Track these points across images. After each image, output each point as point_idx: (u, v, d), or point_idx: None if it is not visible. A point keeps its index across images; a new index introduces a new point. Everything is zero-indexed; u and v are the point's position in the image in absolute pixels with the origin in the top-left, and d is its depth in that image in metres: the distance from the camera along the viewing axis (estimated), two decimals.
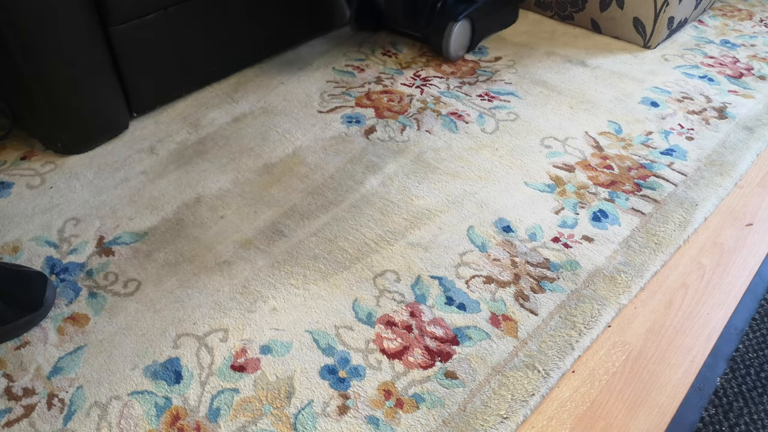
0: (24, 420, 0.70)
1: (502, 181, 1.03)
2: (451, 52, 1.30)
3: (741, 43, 1.42)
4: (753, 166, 1.08)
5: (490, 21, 1.37)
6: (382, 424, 0.70)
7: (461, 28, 1.29)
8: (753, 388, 0.75)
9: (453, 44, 1.29)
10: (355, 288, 0.85)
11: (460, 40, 1.31)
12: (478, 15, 1.32)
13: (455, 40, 1.29)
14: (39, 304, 0.79)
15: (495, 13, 1.38)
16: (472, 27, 1.31)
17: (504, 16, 1.43)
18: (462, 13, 1.28)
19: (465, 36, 1.31)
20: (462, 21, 1.27)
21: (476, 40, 1.35)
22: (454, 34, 1.27)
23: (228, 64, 1.25)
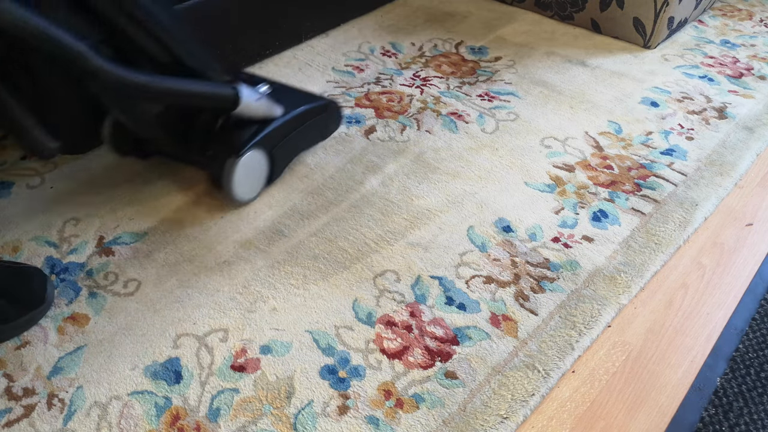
0: (24, 420, 0.70)
1: (502, 181, 1.03)
2: (239, 195, 0.94)
3: (741, 43, 1.42)
4: (753, 166, 1.08)
5: (297, 139, 1.02)
6: (382, 424, 0.70)
7: (249, 164, 0.92)
8: (753, 388, 0.75)
9: (239, 186, 0.93)
10: (355, 288, 0.85)
11: (252, 177, 0.95)
12: (276, 138, 0.96)
13: (242, 181, 0.93)
14: (41, 300, 0.79)
15: (304, 127, 1.02)
16: (268, 156, 0.96)
17: (320, 126, 1.07)
18: (248, 143, 0.91)
19: (259, 170, 0.96)
20: (249, 154, 0.92)
21: (278, 169, 1.00)
22: (237, 173, 0.91)
23: (228, 64, 1.25)
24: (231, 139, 0.92)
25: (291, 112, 0.97)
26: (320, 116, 1.04)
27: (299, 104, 1.00)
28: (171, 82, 0.79)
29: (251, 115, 0.92)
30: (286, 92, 1.03)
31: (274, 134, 0.95)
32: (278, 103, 0.96)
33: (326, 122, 1.07)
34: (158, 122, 0.90)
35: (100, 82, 0.71)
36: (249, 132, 0.92)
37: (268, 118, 0.95)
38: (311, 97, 1.04)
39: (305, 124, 1.01)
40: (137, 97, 0.81)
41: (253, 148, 0.92)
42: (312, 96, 1.05)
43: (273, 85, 1.01)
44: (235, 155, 0.90)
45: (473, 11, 1.54)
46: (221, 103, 0.88)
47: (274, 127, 0.95)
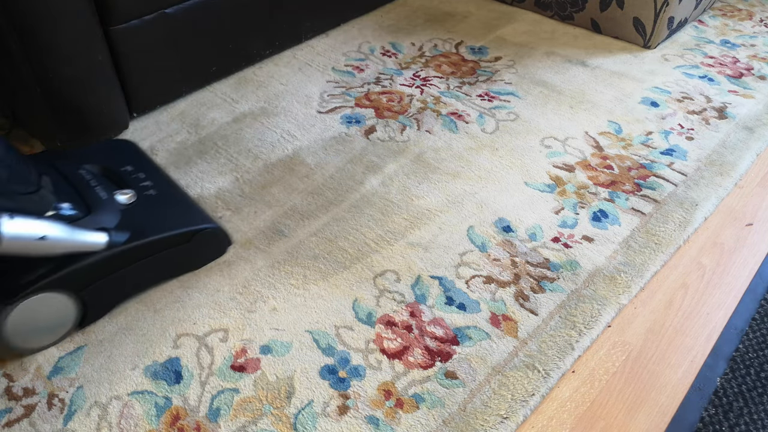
0: (24, 420, 0.70)
1: (502, 181, 1.03)
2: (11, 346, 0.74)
3: (741, 43, 1.42)
4: (753, 166, 1.08)
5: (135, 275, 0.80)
6: (382, 424, 0.70)
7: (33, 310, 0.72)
8: (753, 388, 0.75)
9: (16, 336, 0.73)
10: (355, 288, 0.85)
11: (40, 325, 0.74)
12: (90, 275, 0.75)
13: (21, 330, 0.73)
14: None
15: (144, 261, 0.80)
16: (76, 298, 0.75)
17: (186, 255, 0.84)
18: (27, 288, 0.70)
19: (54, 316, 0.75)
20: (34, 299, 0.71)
21: (97, 310, 0.80)
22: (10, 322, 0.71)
23: (228, 64, 1.25)
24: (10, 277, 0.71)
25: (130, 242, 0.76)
26: (184, 246, 0.82)
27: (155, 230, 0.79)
28: None
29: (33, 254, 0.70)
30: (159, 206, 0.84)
31: (82, 272, 0.74)
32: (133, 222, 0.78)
33: (195, 251, 0.85)
34: None
35: None
36: (40, 270, 0.71)
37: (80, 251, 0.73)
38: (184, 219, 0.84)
39: (151, 257, 0.80)
40: None
41: (37, 292, 0.70)
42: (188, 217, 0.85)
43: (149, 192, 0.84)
44: (6, 301, 0.69)
45: (473, 11, 1.54)
46: None
47: (83, 264, 0.73)
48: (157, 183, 0.87)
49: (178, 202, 0.87)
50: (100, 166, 0.87)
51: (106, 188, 0.81)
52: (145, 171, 0.89)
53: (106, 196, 0.80)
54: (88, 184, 0.81)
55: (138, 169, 0.89)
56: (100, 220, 0.76)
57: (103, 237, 0.75)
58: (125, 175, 0.87)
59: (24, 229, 0.67)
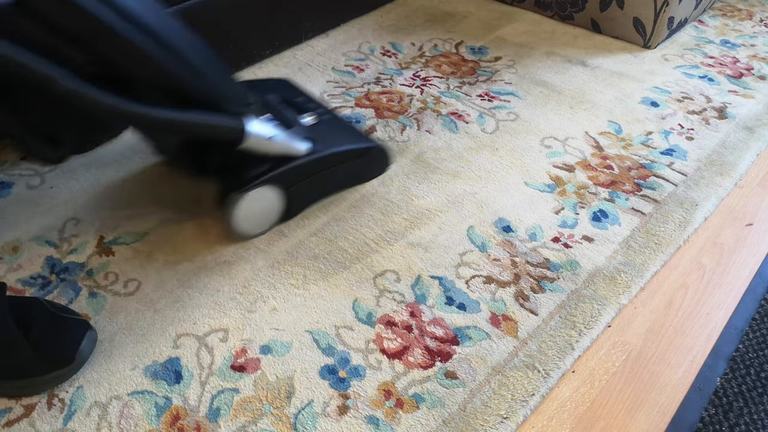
0: (24, 420, 0.70)
1: (502, 181, 1.03)
2: (240, 230, 0.90)
3: (741, 43, 1.42)
4: (753, 166, 1.08)
5: (326, 180, 0.96)
6: (382, 424, 0.70)
7: (256, 199, 0.88)
8: (753, 388, 0.75)
9: (241, 221, 0.89)
10: (355, 288, 0.85)
11: (257, 213, 0.90)
12: (295, 176, 0.91)
13: (246, 215, 0.89)
14: (70, 359, 0.72)
15: (336, 169, 0.96)
16: (284, 194, 0.91)
17: (360, 169, 1.00)
18: (258, 178, 0.86)
19: (268, 207, 0.91)
20: (257, 190, 0.87)
21: (296, 207, 0.95)
22: (240, 208, 0.87)
23: (228, 64, 1.25)
24: (243, 172, 0.87)
25: (321, 151, 0.91)
26: (358, 160, 0.98)
27: (336, 144, 0.94)
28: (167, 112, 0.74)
29: (261, 151, 0.86)
30: (333, 128, 0.98)
31: (294, 172, 0.90)
32: (318, 139, 0.92)
33: (366, 166, 1.01)
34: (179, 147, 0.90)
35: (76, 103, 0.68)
36: (262, 167, 0.87)
37: (289, 155, 0.89)
38: (355, 138, 0.99)
39: (338, 166, 0.95)
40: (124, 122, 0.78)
41: (262, 185, 0.87)
42: (357, 137, 1.00)
43: (325, 117, 0.98)
44: (240, 189, 0.86)
45: (473, 11, 1.54)
46: (224, 136, 0.82)
47: (295, 165, 0.89)
48: (325, 112, 1.01)
49: (347, 126, 1.02)
50: (278, 96, 1.00)
51: (291, 112, 0.96)
52: (312, 102, 1.03)
53: (295, 117, 0.95)
54: (277, 107, 0.95)
55: (306, 100, 1.03)
56: (300, 133, 0.91)
57: (305, 145, 0.90)
58: (300, 104, 1.01)
59: (260, 129, 0.84)
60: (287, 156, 0.88)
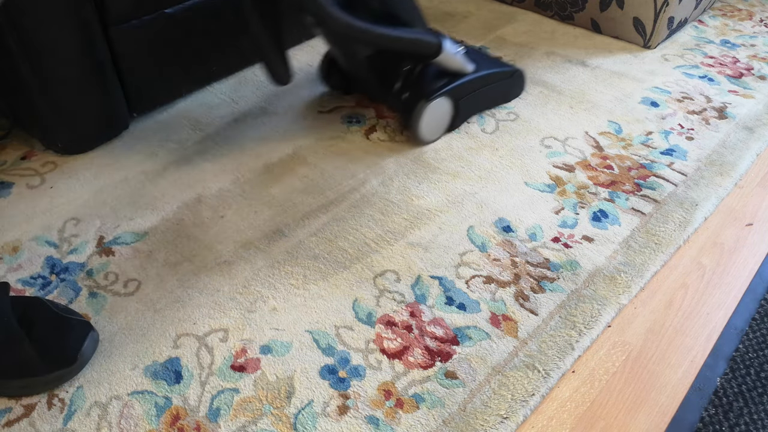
0: (24, 420, 0.70)
1: (502, 181, 1.03)
2: (424, 135, 1.08)
3: (741, 43, 1.42)
4: (753, 166, 1.08)
5: (482, 97, 1.15)
6: (382, 424, 0.70)
7: (437, 108, 1.06)
8: (753, 388, 0.75)
9: (425, 127, 1.06)
10: (355, 288, 0.85)
11: (436, 121, 1.08)
12: (464, 91, 1.09)
13: (428, 123, 1.06)
14: (72, 360, 0.72)
15: (490, 87, 1.15)
16: (454, 106, 1.09)
17: (505, 89, 1.19)
18: (439, 90, 1.05)
19: (443, 116, 1.08)
20: (438, 100, 1.05)
21: (461, 119, 1.13)
22: (425, 116, 1.04)
23: (228, 64, 1.25)
24: (425, 86, 1.05)
25: (481, 71, 1.11)
26: (506, 80, 1.17)
27: (490, 66, 1.13)
28: (385, 29, 0.94)
29: (448, 66, 1.06)
30: (479, 55, 1.17)
31: (463, 87, 1.08)
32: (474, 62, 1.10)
33: (511, 87, 1.19)
34: (368, 64, 1.06)
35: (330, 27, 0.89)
36: (442, 81, 1.06)
37: (460, 72, 1.08)
38: (501, 63, 1.18)
39: (491, 85, 1.14)
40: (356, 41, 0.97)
41: (443, 95, 1.05)
42: (502, 63, 1.18)
43: (467, 47, 1.16)
44: (425, 99, 1.03)
45: (473, 11, 1.54)
46: (425, 50, 1.01)
47: (464, 80, 1.08)
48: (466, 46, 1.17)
49: (488, 56, 1.21)
50: None
51: None
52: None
53: None
54: None
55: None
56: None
57: (472, 64, 1.10)
58: None
59: (450, 46, 1.04)
60: (459, 73, 1.08)
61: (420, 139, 1.08)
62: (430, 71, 1.07)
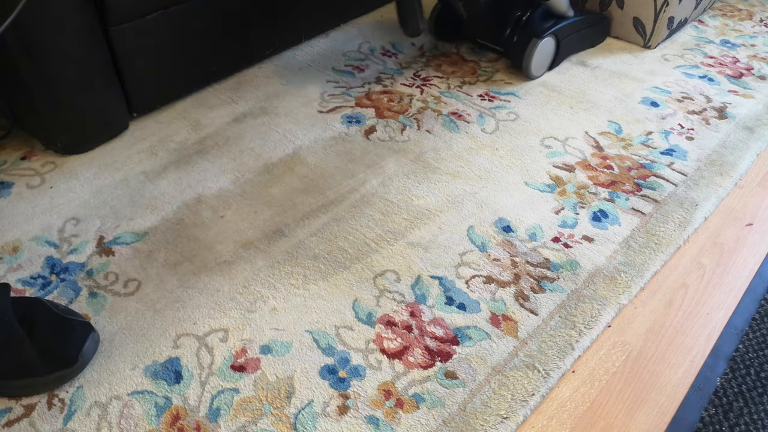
0: (24, 420, 0.70)
1: (502, 181, 1.03)
2: (532, 70, 1.23)
3: (741, 43, 1.42)
4: (753, 166, 1.08)
5: (577, 39, 1.30)
6: (382, 424, 0.70)
7: (545, 46, 1.22)
8: (753, 388, 0.75)
9: (534, 62, 1.22)
10: (355, 288, 0.85)
11: (543, 58, 1.24)
12: (565, 32, 1.25)
13: (537, 59, 1.23)
14: (73, 360, 0.72)
15: (583, 31, 1.31)
16: (557, 45, 1.25)
17: (593, 35, 1.35)
18: (547, 30, 1.21)
19: (548, 54, 1.25)
20: (547, 38, 1.21)
21: (560, 58, 1.29)
22: (536, 52, 1.21)
23: (228, 64, 1.25)
24: (535, 26, 1.21)
25: (579, 15, 1.28)
26: (597, 26, 1.34)
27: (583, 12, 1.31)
28: None
29: (556, 8, 1.22)
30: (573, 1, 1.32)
31: (566, 29, 1.24)
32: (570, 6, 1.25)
33: (599, 32, 1.36)
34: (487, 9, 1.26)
35: None
36: (549, 23, 1.22)
37: (563, 16, 1.24)
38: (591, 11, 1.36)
39: (585, 29, 1.31)
40: None
41: (551, 35, 1.21)
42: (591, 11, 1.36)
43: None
44: (536, 37, 1.19)
45: None
46: None
47: (567, 23, 1.24)
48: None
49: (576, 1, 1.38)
50: None
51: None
52: None
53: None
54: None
55: None
56: None
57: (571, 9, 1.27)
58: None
59: None
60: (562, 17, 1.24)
61: (529, 75, 1.24)
62: (537, 16, 1.22)
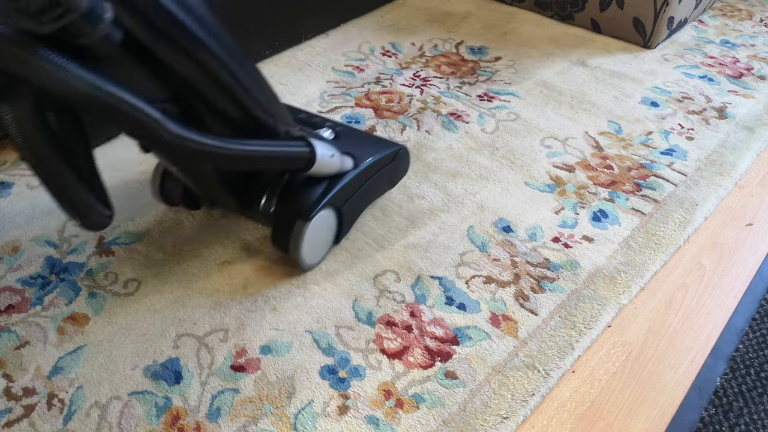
0: (24, 420, 0.70)
1: (502, 181, 1.03)
2: (305, 259, 0.84)
3: (741, 43, 1.42)
4: (753, 166, 1.08)
5: (367, 193, 0.92)
6: (382, 424, 0.70)
7: (319, 225, 0.83)
8: (753, 388, 0.75)
9: (306, 250, 0.83)
10: (355, 288, 0.85)
11: (319, 240, 0.85)
12: (347, 193, 0.86)
13: (310, 245, 0.83)
14: None
15: (374, 178, 0.91)
16: (338, 216, 0.87)
17: (391, 173, 0.96)
18: (319, 202, 0.81)
19: (327, 231, 0.86)
20: (320, 214, 0.82)
21: (347, 228, 0.91)
22: (306, 237, 0.81)
23: None
24: (299, 198, 0.82)
25: (362, 163, 0.87)
26: (391, 164, 0.93)
27: (369, 153, 0.89)
28: (245, 145, 0.69)
29: (324, 173, 0.82)
30: (353, 137, 0.93)
31: (345, 190, 0.85)
32: (346, 149, 0.87)
33: (396, 170, 0.96)
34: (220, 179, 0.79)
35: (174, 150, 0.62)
36: (319, 189, 0.82)
37: (341, 172, 0.85)
38: (380, 143, 0.94)
39: (376, 175, 0.91)
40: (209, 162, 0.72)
41: (323, 208, 0.81)
42: (381, 141, 0.95)
43: (337, 127, 0.93)
44: (303, 219, 0.80)
45: (473, 11, 1.54)
46: (296, 165, 0.78)
47: (345, 182, 0.84)
48: (333, 123, 0.94)
49: (363, 134, 0.99)
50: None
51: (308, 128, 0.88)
52: (314, 116, 0.97)
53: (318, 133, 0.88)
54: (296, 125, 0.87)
55: (309, 115, 0.97)
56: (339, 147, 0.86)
57: (350, 159, 0.86)
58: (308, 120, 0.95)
59: (324, 149, 0.80)
60: (338, 173, 0.84)
61: (301, 266, 0.85)
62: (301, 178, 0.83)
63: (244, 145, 0.69)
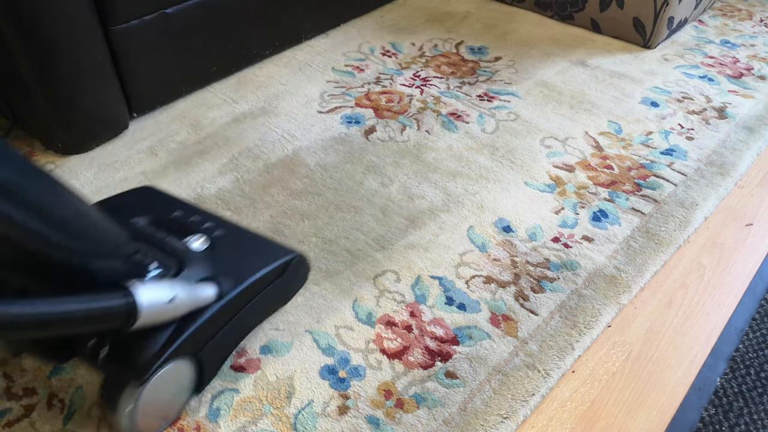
0: (24, 420, 0.70)
1: (502, 181, 1.03)
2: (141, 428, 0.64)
3: (741, 43, 1.42)
4: (753, 166, 1.08)
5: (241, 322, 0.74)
6: (382, 424, 0.70)
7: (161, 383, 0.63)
8: (753, 388, 0.75)
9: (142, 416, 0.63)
10: (355, 288, 0.85)
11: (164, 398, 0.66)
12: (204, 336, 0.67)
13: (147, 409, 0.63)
14: None
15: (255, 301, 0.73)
16: (196, 364, 0.68)
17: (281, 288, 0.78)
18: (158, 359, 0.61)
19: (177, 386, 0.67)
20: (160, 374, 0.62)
21: (211, 370, 0.72)
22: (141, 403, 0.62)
23: (228, 64, 1.25)
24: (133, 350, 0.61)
25: (234, 289, 0.68)
26: (279, 280, 0.75)
27: (249, 270, 0.71)
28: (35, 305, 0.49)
29: (161, 321, 0.61)
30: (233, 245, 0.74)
31: (202, 331, 0.65)
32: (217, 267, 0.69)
33: (288, 284, 0.79)
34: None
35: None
36: (163, 335, 0.62)
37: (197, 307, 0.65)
38: (268, 253, 0.75)
39: (257, 297, 0.73)
40: None
41: (166, 362, 0.62)
42: (269, 250, 0.76)
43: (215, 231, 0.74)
44: (136, 379, 0.60)
45: (473, 11, 1.54)
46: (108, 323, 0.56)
47: (201, 322, 0.64)
48: (216, 223, 0.76)
49: (249, 237, 0.77)
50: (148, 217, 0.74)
51: (173, 238, 0.70)
52: (194, 213, 0.77)
53: (182, 245, 0.69)
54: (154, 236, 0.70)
55: (186, 213, 0.77)
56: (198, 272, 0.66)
57: (212, 288, 0.66)
58: (179, 222, 0.75)
59: (154, 294, 0.58)
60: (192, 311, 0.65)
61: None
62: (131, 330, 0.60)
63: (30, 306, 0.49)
